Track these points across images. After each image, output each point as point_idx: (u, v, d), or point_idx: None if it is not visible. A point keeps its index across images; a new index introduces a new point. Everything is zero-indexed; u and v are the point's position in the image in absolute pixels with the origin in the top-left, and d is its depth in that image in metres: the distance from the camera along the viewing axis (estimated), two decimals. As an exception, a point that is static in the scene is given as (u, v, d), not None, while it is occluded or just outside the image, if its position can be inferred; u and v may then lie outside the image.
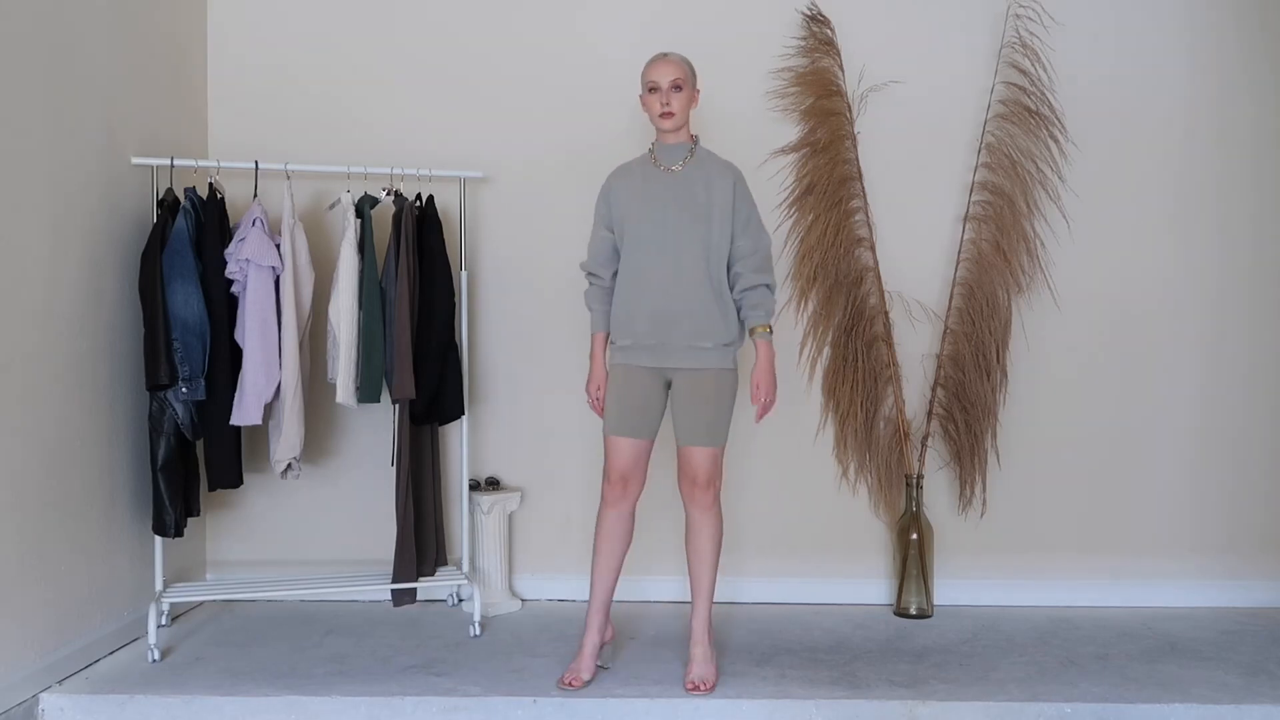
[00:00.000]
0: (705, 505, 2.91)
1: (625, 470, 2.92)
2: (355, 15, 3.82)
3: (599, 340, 3.04)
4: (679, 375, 2.91)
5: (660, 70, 2.89)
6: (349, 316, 3.30)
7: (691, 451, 2.89)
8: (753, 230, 2.95)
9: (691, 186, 2.91)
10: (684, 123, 2.94)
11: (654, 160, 2.97)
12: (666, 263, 2.88)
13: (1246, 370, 3.81)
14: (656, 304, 2.88)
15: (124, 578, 3.26)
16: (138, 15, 3.36)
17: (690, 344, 2.87)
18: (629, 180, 2.99)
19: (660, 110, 2.89)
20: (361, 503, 3.77)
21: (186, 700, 2.78)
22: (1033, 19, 3.72)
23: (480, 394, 3.82)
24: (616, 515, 2.95)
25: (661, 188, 2.93)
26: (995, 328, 3.70)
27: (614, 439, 2.92)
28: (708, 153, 2.99)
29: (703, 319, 2.87)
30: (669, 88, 2.88)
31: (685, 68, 2.92)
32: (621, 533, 2.96)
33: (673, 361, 2.90)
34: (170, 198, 3.28)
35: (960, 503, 3.79)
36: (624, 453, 2.91)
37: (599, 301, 3.03)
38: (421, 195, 3.53)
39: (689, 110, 2.94)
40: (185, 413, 3.23)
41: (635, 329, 2.91)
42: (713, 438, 2.89)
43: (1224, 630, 3.49)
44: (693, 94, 2.95)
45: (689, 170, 2.93)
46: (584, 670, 2.90)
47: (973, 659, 3.16)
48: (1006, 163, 3.73)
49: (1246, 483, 3.82)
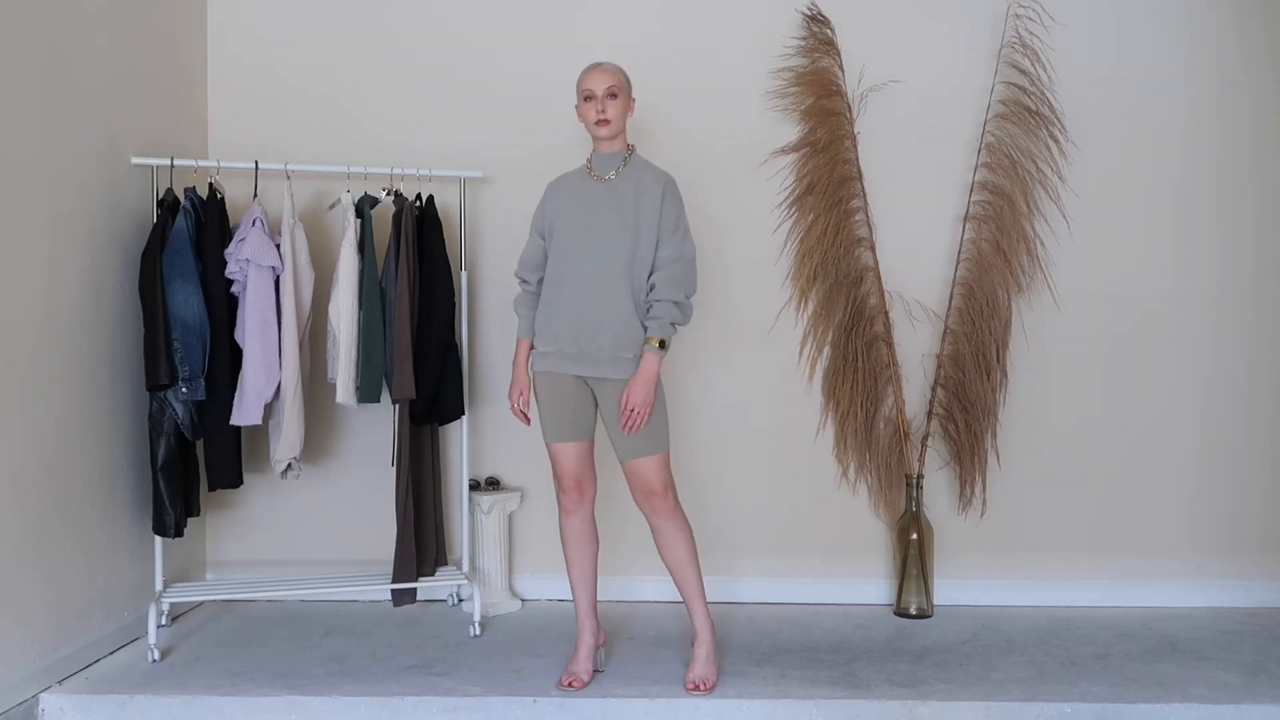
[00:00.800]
0: (666, 512, 2.88)
1: (576, 474, 2.93)
2: (355, 15, 3.82)
3: (523, 346, 3.01)
4: (604, 387, 2.87)
5: (595, 78, 2.90)
6: (349, 316, 3.30)
7: (640, 464, 2.85)
8: (676, 239, 2.87)
9: (622, 195, 2.89)
10: (620, 130, 2.94)
11: (590, 169, 2.97)
12: (590, 270, 2.85)
13: (1247, 369, 3.81)
14: (578, 312, 2.85)
15: (124, 578, 3.26)
16: (138, 15, 3.36)
17: (613, 354, 2.83)
18: (564, 187, 2.99)
19: (595, 118, 2.89)
20: (361, 503, 3.77)
21: (186, 700, 2.78)
22: (1033, 19, 3.72)
23: (480, 394, 3.82)
24: (578, 521, 2.96)
25: (593, 196, 2.92)
26: (995, 328, 3.70)
27: (557, 446, 2.92)
28: (643, 161, 2.97)
29: (624, 328, 2.83)
30: (604, 95, 2.88)
31: (620, 76, 2.92)
32: (588, 536, 2.98)
33: (596, 371, 2.85)
34: (170, 198, 3.28)
35: (960, 503, 3.79)
36: (570, 457, 2.92)
37: (526, 307, 3.01)
38: (421, 195, 3.53)
39: (625, 118, 2.94)
40: (185, 413, 3.23)
41: (557, 336, 2.88)
42: (655, 445, 2.85)
43: (1224, 630, 3.49)
44: (628, 102, 2.95)
45: (621, 179, 2.91)
46: (583, 672, 2.92)
47: (973, 659, 3.16)
48: (1006, 163, 3.73)
49: (1247, 483, 3.82)
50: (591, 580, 3.00)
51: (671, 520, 2.89)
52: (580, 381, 2.91)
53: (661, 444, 2.87)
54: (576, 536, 2.97)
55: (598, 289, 2.84)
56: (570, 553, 2.98)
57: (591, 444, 2.96)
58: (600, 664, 3.04)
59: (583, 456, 2.93)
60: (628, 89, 2.95)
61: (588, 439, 2.94)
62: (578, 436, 2.92)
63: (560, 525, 2.99)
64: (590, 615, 2.99)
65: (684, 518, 2.92)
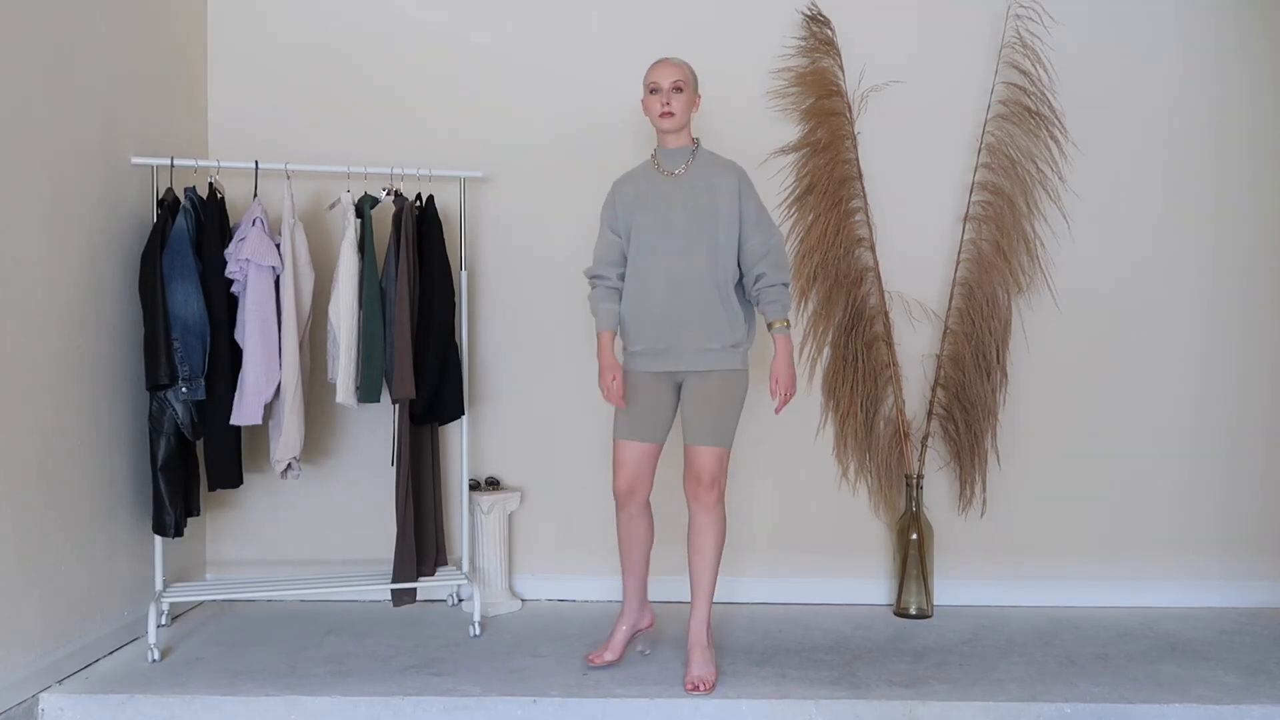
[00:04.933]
0: (709, 505, 2.93)
1: (632, 475, 2.99)
2: (355, 15, 3.82)
3: (606, 338, 3.03)
4: (689, 378, 2.95)
5: (661, 72, 2.94)
6: (349, 316, 3.30)
7: (697, 450, 2.92)
8: (763, 228, 2.97)
9: (695, 190, 2.94)
10: (684, 124, 2.96)
11: (657, 165, 3.01)
12: (672, 267, 2.91)
13: (1246, 370, 3.81)
14: (664, 308, 2.91)
15: (124, 578, 3.26)
16: (138, 15, 3.36)
17: (699, 346, 2.91)
18: (634, 185, 3.02)
19: (661, 110, 2.92)
20: (361, 503, 3.77)
21: (186, 700, 2.78)
22: (1033, 19, 3.72)
23: (480, 394, 3.82)
24: (629, 515, 3.04)
25: (665, 192, 2.96)
26: (995, 328, 3.70)
27: (622, 443, 2.99)
28: (710, 154, 3.02)
29: (710, 322, 2.90)
30: (670, 88, 2.92)
31: (686, 70, 2.97)
32: (639, 529, 3.06)
33: (683, 364, 2.93)
34: (170, 198, 3.28)
35: (960, 503, 3.79)
36: (630, 457, 2.98)
37: (605, 300, 3.03)
38: (421, 195, 3.53)
39: (690, 113, 2.97)
40: (185, 413, 3.23)
41: (644, 333, 2.95)
42: (717, 438, 2.92)
43: (1224, 630, 3.49)
44: (694, 97, 2.98)
45: (692, 173, 2.96)
46: (610, 650, 3.03)
47: (973, 659, 3.16)
48: (1006, 163, 3.73)
49: (1246, 483, 3.81)
50: (639, 570, 3.10)
51: (710, 514, 2.94)
52: (665, 379, 2.97)
53: (725, 439, 2.94)
54: (626, 528, 3.07)
55: (683, 285, 2.90)
56: (621, 542, 3.09)
57: (659, 448, 3.03)
58: (646, 648, 3.16)
59: (645, 458, 3.00)
60: (694, 83, 2.99)
61: (657, 442, 3.02)
62: (647, 438, 2.99)
63: (616, 517, 3.07)
64: (634, 595, 3.09)
65: (723, 517, 2.97)
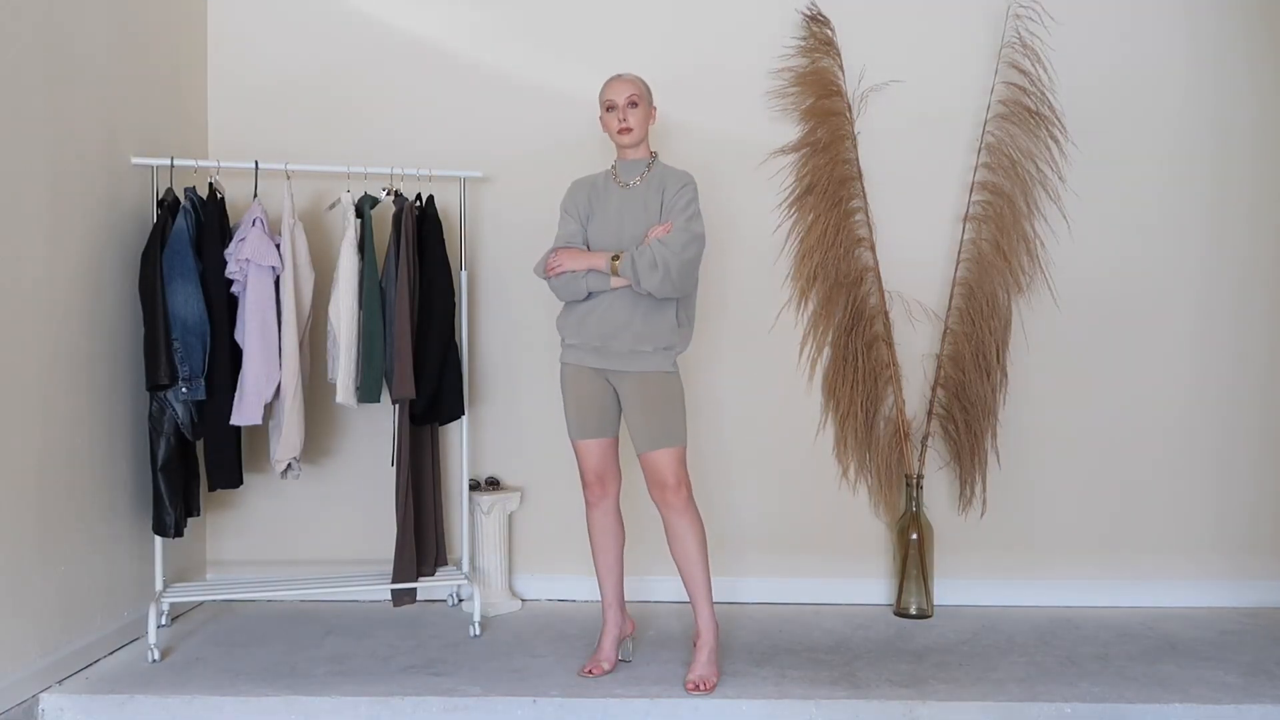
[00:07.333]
0: (680, 507, 2.93)
1: (599, 470, 3.02)
2: (355, 15, 3.82)
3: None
4: (624, 380, 2.95)
5: (615, 89, 2.97)
6: (349, 316, 3.30)
7: (654, 456, 2.92)
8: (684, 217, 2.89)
9: (646, 199, 2.97)
10: (642, 138, 3.00)
11: (615, 175, 3.05)
12: None
13: (1246, 369, 3.81)
14: (602, 310, 2.94)
15: (124, 578, 3.26)
16: (137, 15, 3.36)
17: (633, 349, 2.92)
18: (590, 189, 3.07)
19: (618, 127, 2.96)
20: (361, 503, 3.77)
21: (186, 700, 2.78)
22: (1033, 19, 3.71)
23: (480, 394, 3.82)
24: (601, 513, 3.06)
25: (617, 200, 3.00)
26: (995, 328, 3.70)
27: (581, 443, 3.03)
28: (666, 167, 3.05)
29: (645, 326, 2.92)
30: (625, 104, 2.95)
31: (640, 85, 3.00)
32: (611, 528, 3.08)
33: (616, 365, 2.94)
34: (170, 198, 3.28)
35: (960, 503, 3.79)
36: (593, 454, 3.02)
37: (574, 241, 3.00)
38: (421, 195, 3.53)
39: (646, 126, 3.01)
40: (185, 413, 3.23)
41: (581, 330, 2.97)
42: (670, 438, 2.92)
43: (1224, 630, 3.49)
44: (649, 110, 3.02)
45: (645, 184, 2.99)
46: (604, 660, 3.01)
47: (973, 659, 3.16)
48: (1006, 163, 3.73)
49: (1246, 483, 3.81)
50: (616, 571, 3.09)
51: (684, 516, 2.93)
52: (602, 376, 2.98)
53: (678, 438, 2.93)
54: (600, 528, 3.07)
55: (622, 293, 2.92)
56: (595, 543, 3.09)
57: (615, 440, 3.06)
58: (628, 654, 3.11)
59: (606, 452, 3.03)
60: (648, 97, 3.02)
61: (611, 436, 3.04)
62: (602, 434, 3.01)
63: (586, 518, 3.08)
64: (614, 605, 3.07)
65: (697, 515, 2.96)
